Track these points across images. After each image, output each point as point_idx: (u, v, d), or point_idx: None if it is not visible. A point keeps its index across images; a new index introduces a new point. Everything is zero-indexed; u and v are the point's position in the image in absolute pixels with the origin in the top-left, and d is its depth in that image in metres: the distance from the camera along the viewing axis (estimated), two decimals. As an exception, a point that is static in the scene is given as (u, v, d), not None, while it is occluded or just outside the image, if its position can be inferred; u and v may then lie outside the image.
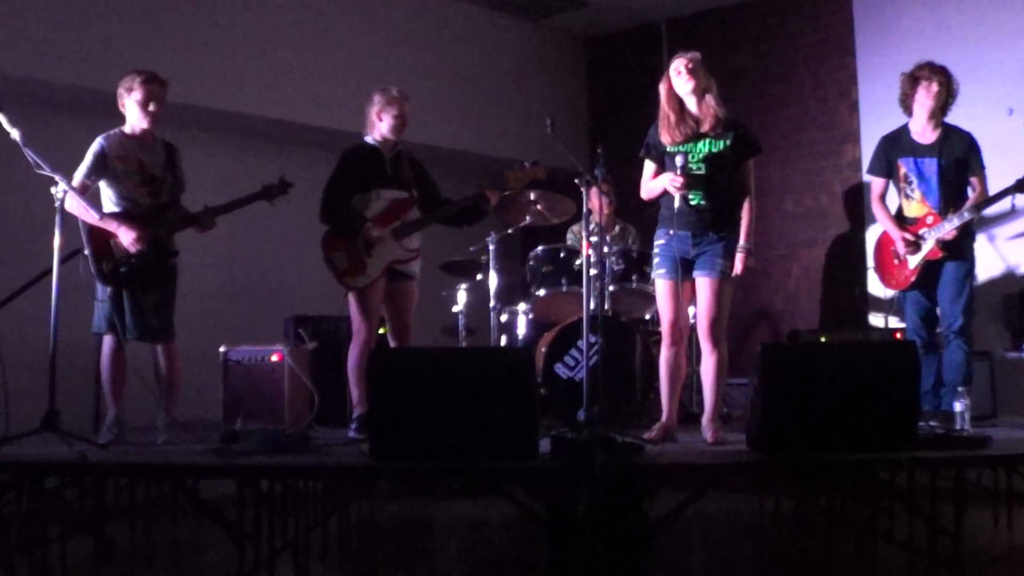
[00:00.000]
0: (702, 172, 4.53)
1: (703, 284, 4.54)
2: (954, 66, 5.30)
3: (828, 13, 7.77)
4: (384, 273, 5.05)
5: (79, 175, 4.73)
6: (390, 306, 5.16)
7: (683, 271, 4.54)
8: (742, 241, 4.55)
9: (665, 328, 4.61)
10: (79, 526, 4.34)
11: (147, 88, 4.78)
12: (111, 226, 4.69)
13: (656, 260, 4.65)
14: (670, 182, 4.48)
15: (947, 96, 5.24)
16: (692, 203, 4.53)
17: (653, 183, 4.64)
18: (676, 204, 4.47)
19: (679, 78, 4.54)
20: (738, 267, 4.54)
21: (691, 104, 4.55)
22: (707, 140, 4.54)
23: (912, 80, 5.28)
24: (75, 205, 4.60)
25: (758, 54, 8.17)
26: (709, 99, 4.53)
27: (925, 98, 5.23)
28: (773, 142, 8.04)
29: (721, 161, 4.55)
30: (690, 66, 4.53)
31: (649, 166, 4.69)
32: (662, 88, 4.61)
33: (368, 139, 5.21)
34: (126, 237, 4.68)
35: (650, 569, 3.67)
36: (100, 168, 4.76)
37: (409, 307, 5.22)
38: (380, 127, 5.16)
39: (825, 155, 7.78)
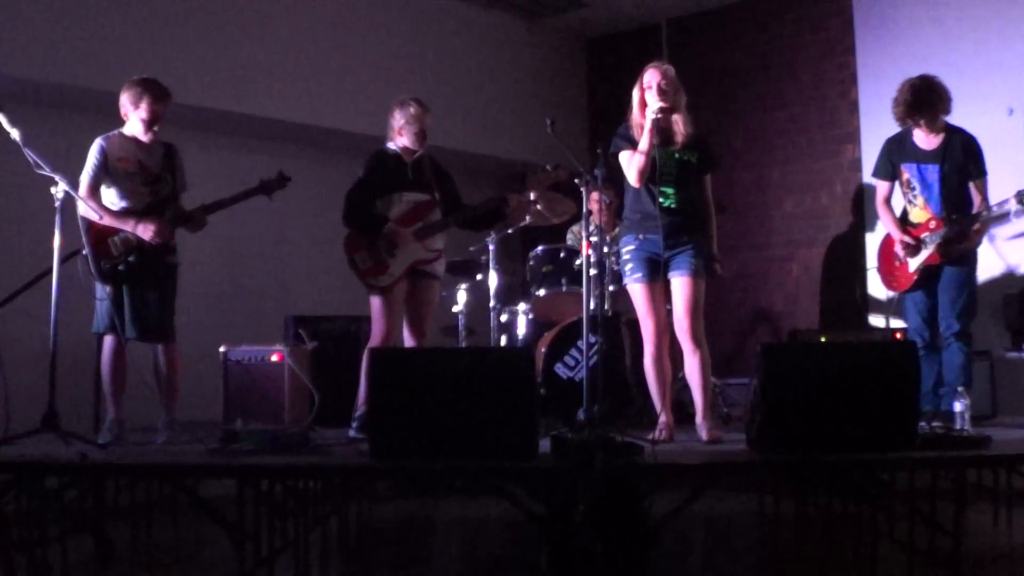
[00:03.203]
0: (674, 176, 4.62)
1: (681, 284, 4.61)
2: (954, 66, 5.32)
3: (828, 13, 7.76)
4: (406, 274, 5.09)
5: (87, 181, 4.74)
6: (411, 303, 5.18)
7: (656, 273, 4.62)
8: (713, 249, 4.74)
9: (650, 330, 4.67)
10: (79, 526, 4.34)
11: (154, 109, 4.80)
12: (128, 224, 4.70)
13: (629, 266, 4.70)
14: (651, 106, 4.50)
15: (943, 114, 5.25)
16: (665, 205, 4.60)
17: (639, 148, 4.57)
18: (655, 116, 4.48)
19: (651, 93, 4.59)
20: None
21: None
22: (677, 150, 4.64)
23: (904, 126, 5.33)
24: (87, 209, 4.61)
25: (758, 54, 8.16)
26: (678, 118, 4.64)
27: (920, 134, 5.30)
28: (773, 142, 8.05)
29: (690, 170, 4.68)
30: (663, 85, 4.59)
31: (625, 153, 4.68)
32: (635, 97, 4.67)
33: (390, 145, 5.26)
34: (146, 232, 4.70)
35: (650, 569, 3.66)
36: (104, 170, 4.76)
37: (430, 305, 5.27)
38: (401, 140, 5.23)
39: (825, 155, 7.77)
